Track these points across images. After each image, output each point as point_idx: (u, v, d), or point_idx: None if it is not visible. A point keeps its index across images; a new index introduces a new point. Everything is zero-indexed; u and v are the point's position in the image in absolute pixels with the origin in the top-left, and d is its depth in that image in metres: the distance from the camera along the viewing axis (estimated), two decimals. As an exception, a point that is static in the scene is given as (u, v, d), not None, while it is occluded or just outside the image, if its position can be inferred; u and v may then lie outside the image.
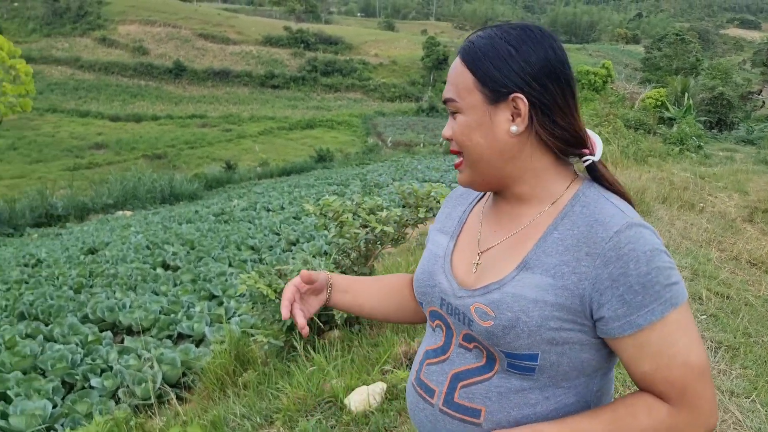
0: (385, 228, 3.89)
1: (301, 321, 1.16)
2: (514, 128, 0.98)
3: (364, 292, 1.30)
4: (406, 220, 4.11)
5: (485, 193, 1.16)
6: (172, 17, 79.22)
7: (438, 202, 4.11)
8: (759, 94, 36.66)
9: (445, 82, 1.06)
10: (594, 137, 1.07)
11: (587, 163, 1.03)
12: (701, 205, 8.00)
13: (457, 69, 1.02)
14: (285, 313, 1.15)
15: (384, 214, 4.07)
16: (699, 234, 6.40)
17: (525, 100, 0.96)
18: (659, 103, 22.95)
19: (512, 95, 0.97)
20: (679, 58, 43.56)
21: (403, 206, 4.35)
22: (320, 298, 1.25)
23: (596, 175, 1.04)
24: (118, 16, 77.95)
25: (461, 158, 1.05)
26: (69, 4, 78.89)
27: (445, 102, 1.04)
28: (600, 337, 0.97)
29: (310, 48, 76.05)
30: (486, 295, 0.99)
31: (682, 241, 6.15)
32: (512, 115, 0.98)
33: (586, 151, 1.03)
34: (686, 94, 23.85)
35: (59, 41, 73.54)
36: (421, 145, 40.71)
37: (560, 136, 0.99)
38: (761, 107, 36.16)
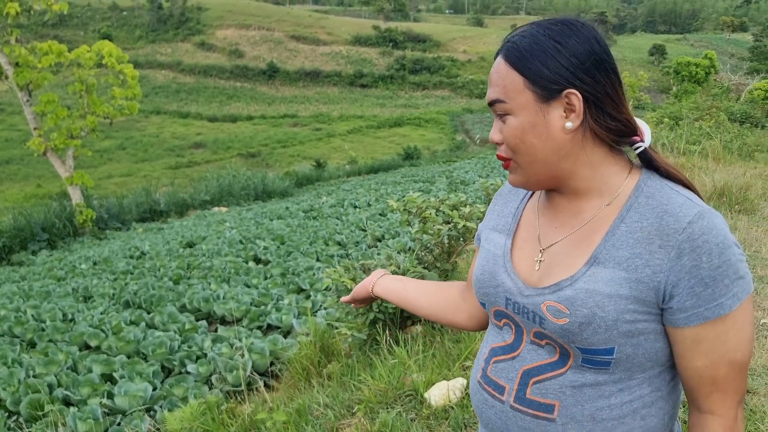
0: (468, 224, 3.88)
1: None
2: (569, 124, 0.96)
3: (411, 283, 1.38)
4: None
5: (530, 194, 1.16)
6: (265, 20, 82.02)
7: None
8: None
9: None
10: (642, 124, 1.04)
11: (639, 150, 1.01)
12: (817, 202, 7.44)
13: (501, 70, 0.99)
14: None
15: (467, 210, 4.05)
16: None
17: (579, 94, 0.95)
18: (770, 95, 21.53)
19: (565, 91, 0.95)
20: (794, 44, 40.67)
21: (488, 203, 4.32)
22: (363, 285, 1.43)
23: (649, 161, 1.01)
24: (216, 21, 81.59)
25: (510, 160, 1.03)
26: (172, 12, 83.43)
27: (491, 104, 1.01)
28: None
29: (398, 46, 76.51)
30: (557, 293, 0.98)
31: (791, 241, 5.71)
32: (565, 111, 0.96)
33: (637, 138, 1.01)
34: (800, 84, 22.18)
35: (162, 47, 77.84)
36: (510, 142, 40.01)
37: (613, 127, 0.98)
38: None
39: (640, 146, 1.01)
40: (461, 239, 4.17)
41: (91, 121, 17.10)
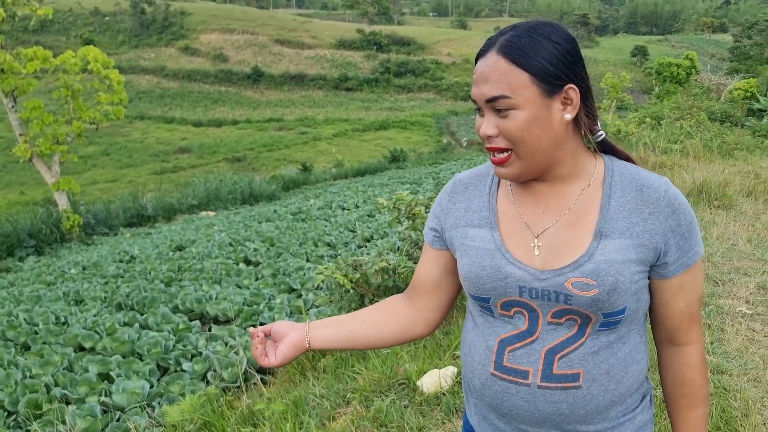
0: (456, 220, 4.01)
1: (257, 354, 1.24)
2: (567, 116, 1.07)
3: (353, 318, 1.30)
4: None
5: (499, 181, 1.21)
6: (250, 25, 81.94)
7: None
8: None
9: None
10: None
11: (601, 137, 1.15)
12: (793, 199, 7.65)
13: (502, 68, 1.04)
14: (253, 335, 1.25)
15: (455, 206, 4.19)
16: (789, 231, 6.14)
17: (576, 89, 1.06)
18: (748, 94, 21.83)
19: (566, 86, 1.05)
20: (773, 45, 41.23)
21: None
22: (289, 338, 1.25)
23: (606, 146, 1.18)
24: (199, 26, 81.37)
25: (507, 153, 1.08)
26: (155, 17, 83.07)
27: (491, 100, 1.05)
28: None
29: (382, 50, 76.77)
30: (579, 269, 1.07)
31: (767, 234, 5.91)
32: (562, 104, 1.06)
33: (598, 127, 1.15)
34: (779, 84, 22.52)
35: (146, 52, 77.48)
36: (495, 143, 40.24)
37: (592, 116, 1.12)
38: None
39: (602, 134, 1.15)
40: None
41: (77, 127, 17.07)
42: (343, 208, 14.38)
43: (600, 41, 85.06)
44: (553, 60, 1.04)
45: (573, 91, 1.06)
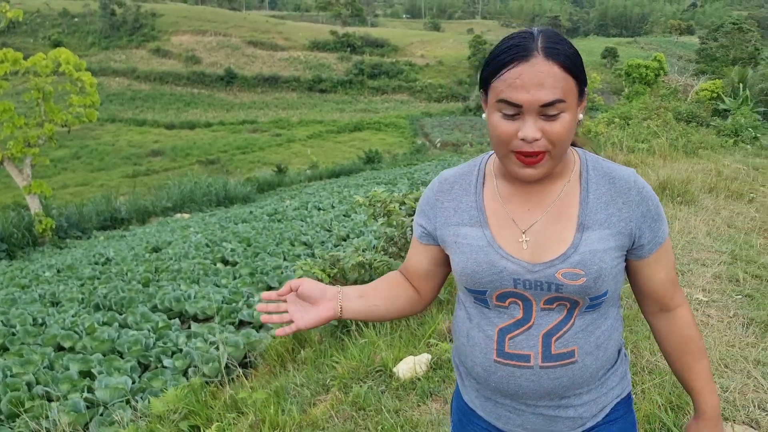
0: (429, 215, 4.19)
1: (268, 318, 1.26)
2: (581, 116, 1.17)
3: (374, 293, 1.36)
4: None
5: (484, 180, 1.29)
6: (222, 26, 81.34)
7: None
8: (821, 83, 35.20)
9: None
10: None
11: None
12: (752, 195, 7.94)
13: (556, 74, 1.10)
14: (260, 306, 1.27)
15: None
16: (745, 222, 6.40)
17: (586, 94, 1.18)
18: (714, 95, 22.30)
19: (586, 90, 1.17)
20: (737, 47, 42.01)
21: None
22: (320, 309, 1.26)
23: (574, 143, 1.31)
24: (171, 27, 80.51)
25: (542, 155, 1.13)
26: (125, 18, 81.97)
27: (548, 105, 1.09)
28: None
29: (356, 51, 76.82)
30: (567, 261, 1.17)
31: (727, 229, 6.16)
32: (580, 106, 1.16)
33: None
34: (743, 85, 23.04)
35: (117, 53, 76.43)
36: (469, 144, 40.68)
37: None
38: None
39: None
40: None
41: (49, 129, 16.92)
42: (319, 209, 14.50)
43: (571, 43, 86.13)
44: (582, 67, 1.15)
45: (586, 96, 1.17)
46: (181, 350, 5.52)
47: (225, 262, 9.64)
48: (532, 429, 1.29)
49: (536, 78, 1.08)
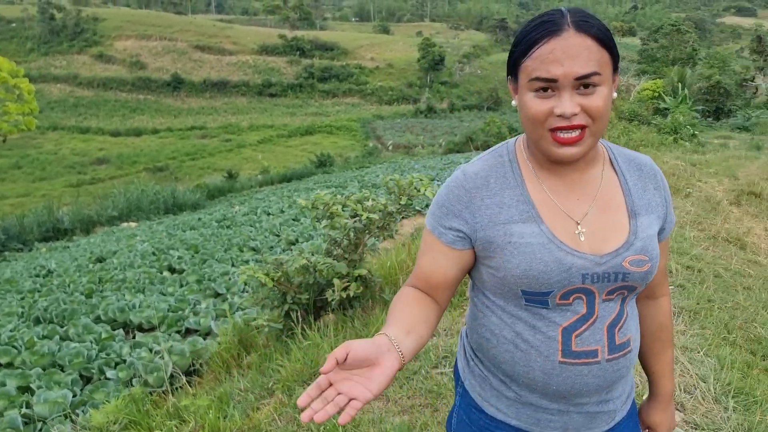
0: (371, 215, 4.22)
1: (320, 415, 0.96)
2: (615, 94, 1.13)
3: (415, 321, 1.17)
4: (391, 208, 4.43)
5: (521, 171, 1.19)
6: (167, 30, 79.86)
7: (419, 190, 4.44)
8: (752, 81, 36.87)
9: (443, 83, 1.19)
10: None
11: None
12: (688, 190, 8.27)
13: (591, 47, 1.05)
14: (302, 401, 0.96)
15: (370, 203, 4.40)
16: (681, 216, 6.67)
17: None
18: (655, 94, 23.03)
19: (619, 67, 1.13)
20: (676, 48, 43.46)
21: (390, 196, 4.68)
22: (386, 367, 1.02)
23: None
24: (114, 32, 78.62)
25: (581, 132, 1.08)
26: (65, 23, 79.63)
27: (584, 77, 1.05)
28: None
29: (306, 55, 76.59)
30: (631, 248, 1.15)
31: (662, 222, 6.36)
32: (614, 83, 1.12)
33: None
34: (682, 84, 23.87)
35: (57, 59, 74.24)
36: (421, 146, 41.01)
37: None
38: (755, 93, 36.29)
39: None
40: (366, 231, 4.51)
41: (-16, 139, 16.28)
42: (268, 214, 14.40)
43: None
44: (614, 41, 1.10)
45: (618, 73, 1.13)
46: (124, 361, 5.41)
47: (172, 270, 9.48)
48: (572, 429, 1.24)
49: (570, 51, 1.04)
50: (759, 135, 20.68)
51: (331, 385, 0.98)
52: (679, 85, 23.65)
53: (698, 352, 3.42)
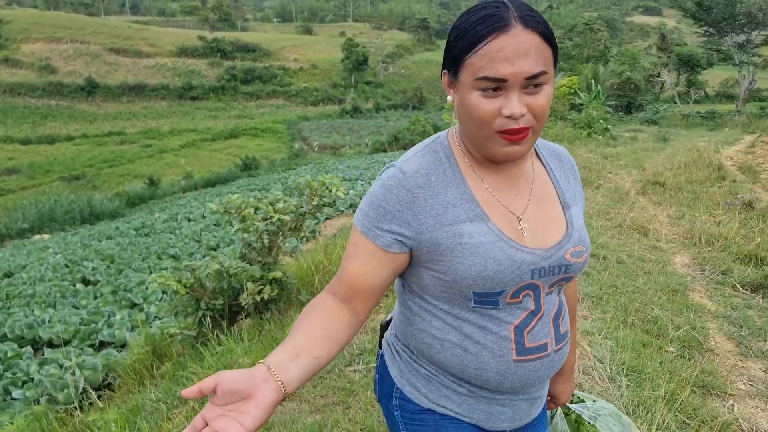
0: (282, 217, 4.21)
1: None
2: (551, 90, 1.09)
3: (309, 342, 1.04)
4: (303, 210, 4.43)
5: (460, 168, 1.15)
6: (78, 33, 76.49)
7: (331, 191, 4.46)
8: (658, 77, 39.00)
9: (368, 83, 1.14)
10: None
11: None
12: (599, 182, 8.66)
13: (538, 44, 1.01)
14: None
15: (282, 204, 4.38)
16: (590, 207, 6.98)
17: None
18: (571, 90, 23.92)
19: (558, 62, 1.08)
20: (589, 46, 45.32)
21: (300, 197, 4.68)
22: (260, 399, 0.92)
23: None
24: (20, 35, 74.57)
25: (527, 131, 1.04)
26: (-34, 25, 74.97)
27: (534, 77, 1.01)
28: None
29: (227, 57, 75.14)
30: (571, 240, 1.15)
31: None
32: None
33: None
34: (596, 81, 24.88)
35: (-42, 64, 69.74)
36: (348, 147, 41.02)
37: None
38: (662, 88, 38.37)
39: None
40: (279, 233, 4.49)
41: None
42: (189, 220, 14.07)
43: (440, 44, 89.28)
44: (555, 37, 1.06)
45: (557, 68, 1.08)
46: (32, 379, 5.17)
47: (86, 282, 9.11)
48: (518, 419, 1.25)
49: (520, 49, 0.99)
50: (666, 127, 21.92)
51: (206, 425, 0.89)
52: (593, 81, 24.68)
53: (598, 336, 3.59)
